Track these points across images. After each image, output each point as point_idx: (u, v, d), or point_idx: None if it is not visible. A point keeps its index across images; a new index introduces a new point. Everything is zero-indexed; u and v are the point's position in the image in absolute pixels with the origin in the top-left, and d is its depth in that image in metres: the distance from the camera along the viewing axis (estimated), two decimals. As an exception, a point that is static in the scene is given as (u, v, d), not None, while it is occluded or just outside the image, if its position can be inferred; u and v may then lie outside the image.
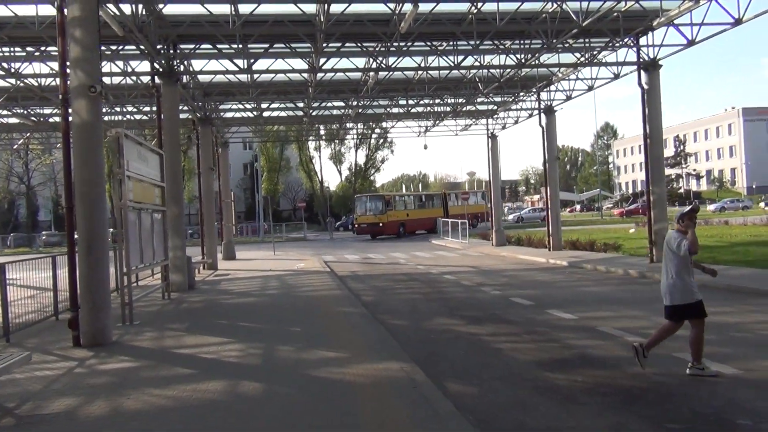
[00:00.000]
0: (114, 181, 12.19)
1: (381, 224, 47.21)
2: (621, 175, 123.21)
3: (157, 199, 15.19)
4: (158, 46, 17.20)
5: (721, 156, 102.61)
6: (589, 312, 11.91)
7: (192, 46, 19.23)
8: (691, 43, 17.94)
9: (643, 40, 19.58)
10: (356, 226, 49.96)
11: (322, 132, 51.97)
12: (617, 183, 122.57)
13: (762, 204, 70.59)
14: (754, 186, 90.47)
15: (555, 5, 16.47)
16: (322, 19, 15.19)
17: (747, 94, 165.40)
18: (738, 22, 16.13)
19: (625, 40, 19.49)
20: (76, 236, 10.31)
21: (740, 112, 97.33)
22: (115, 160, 11.85)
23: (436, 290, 16.32)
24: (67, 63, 10.33)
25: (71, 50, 10.29)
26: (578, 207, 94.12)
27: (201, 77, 23.22)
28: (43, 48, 18.53)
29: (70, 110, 10.39)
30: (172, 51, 18.27)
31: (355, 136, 72.18)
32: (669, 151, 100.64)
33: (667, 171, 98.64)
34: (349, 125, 38.08)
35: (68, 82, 10.35)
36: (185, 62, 20.09)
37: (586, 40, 20.14)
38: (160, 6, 15.73)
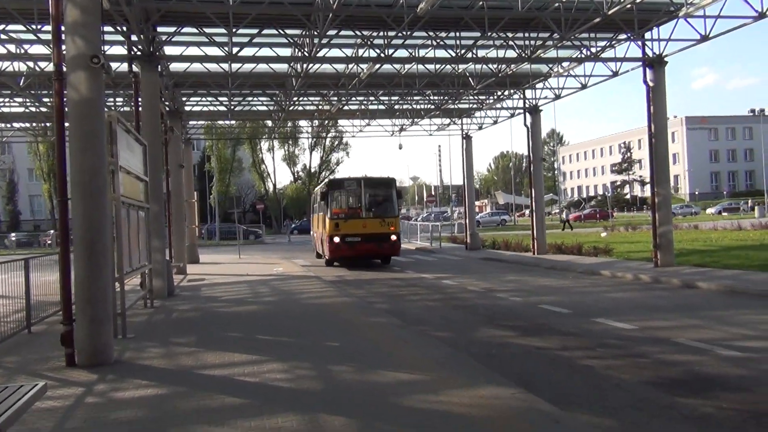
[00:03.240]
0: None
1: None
2: (566, 181, 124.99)
3: (141, 195, 13.50)
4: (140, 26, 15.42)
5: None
6: (643, 321, 10.88)
7: (173, 29, 17.43)
8: (704, 38, 17.25)
9: (647, 35, 18.88)
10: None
11: (307, 128, 48.48)
12: (562, 189, 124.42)
13: (710, 210, 72.31)
14: (696, 193, 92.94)
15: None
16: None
17: (688, 103, 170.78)
18: (762, 15, 15.50)
19: (631, 34, 18.72)
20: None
21: (683, 120, 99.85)
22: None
23: (449, 296, 15.11)
24: (62, 28, 8.66)
25: (68, 13, 8.59)
26: (527, 212, 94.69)
27: (173, 66, 21.39)
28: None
29: (66, 85, 8.68)
30: (152, 32, 16.46)
31: (310, 137, 70.34)
32: (616, 158, 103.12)
33: (614, 177, 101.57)
34: (327, 122, 36.41)
35: (63, 51, 8.66)
36: (161, 48, 18.28)
37: (592, 33, 19.26)
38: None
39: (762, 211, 56.63)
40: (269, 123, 48.27)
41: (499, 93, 28.09)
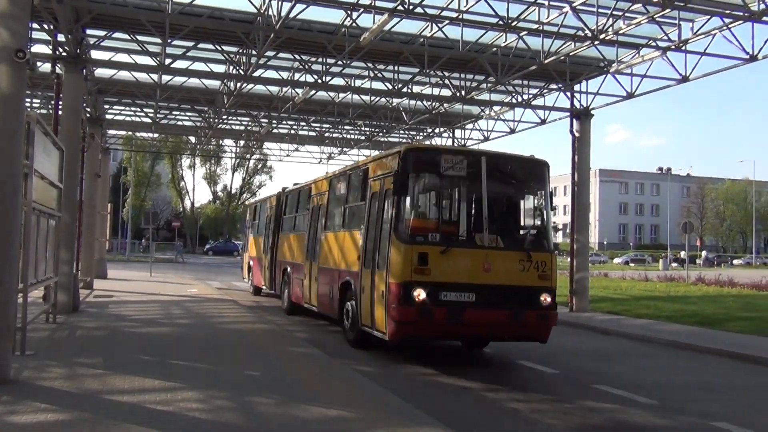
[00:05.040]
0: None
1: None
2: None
3: (53, 203, 12.67)
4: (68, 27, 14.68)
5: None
6: (564, 365, 10.98)
7: (104, 33, 16.71)
8: (630, 95, 18.05)
9: (576, 87, 19.58)
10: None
11: (232, 148, 47.13)
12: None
13: (617, 260, 75.56)
14: (605, 242, 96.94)
15: (514, 38, 15.83)
16: (274, 14, 13.45)
17: (601, 156, 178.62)
18: (684, 79, 16.34)
19: (562, 85, 19.37)
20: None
21: (596, 172, 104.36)
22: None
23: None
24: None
25: (-7, 1, 7.99)
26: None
27: (99, 71, 20.53)
28: None
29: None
30: (81, 34, 15.72)
31: (234, 157, 69.15)
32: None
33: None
34: (254, 144, 35.78)
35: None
36: (89, 51, 17.49)
37: (525, 81, 19.83)
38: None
39: (665, 264, 59.57)
40: (193, 139, 47.12)
41: (430, 130, 28.43)
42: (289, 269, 17.06)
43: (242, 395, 7.45)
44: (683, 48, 15.93)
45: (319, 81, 18.73)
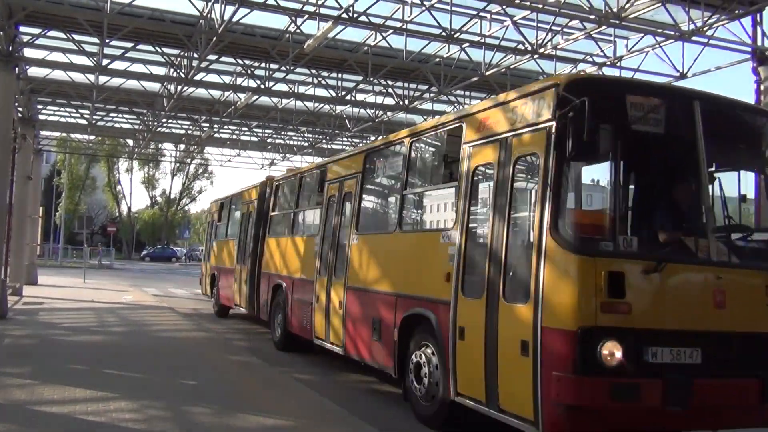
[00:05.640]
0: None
1: None
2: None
3: (-20, 206, 12.24)
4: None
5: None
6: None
7: (38, 31, 16.20)
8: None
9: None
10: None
11: (172, 152, 45.99)
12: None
13: None
14: None
15: (457, 50, 16.14)
16: (217, 17, 13.32)
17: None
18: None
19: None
20: None
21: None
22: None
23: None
24: None
25: None
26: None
27: (32, 71, 19.89)
28: None
29: None
30: (14, 31, 15.21)
31: (173, 162, 67.81)
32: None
33: None
34: (194, 148, 35.23)
35: None
36: (21, 49, 16.93)
37: (468, 92, 20.19)
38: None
39: None
40: (131, 142, 46.03)
41: (373, 138, 28.54)
42: (285, 286, 12.11)
43: (178, 405, 7.31)
44: (618, 64, 16.56)
45: (262, 86, 18.65)
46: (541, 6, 12.99)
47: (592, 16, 12.99)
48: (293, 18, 14.40)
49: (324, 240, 10.49)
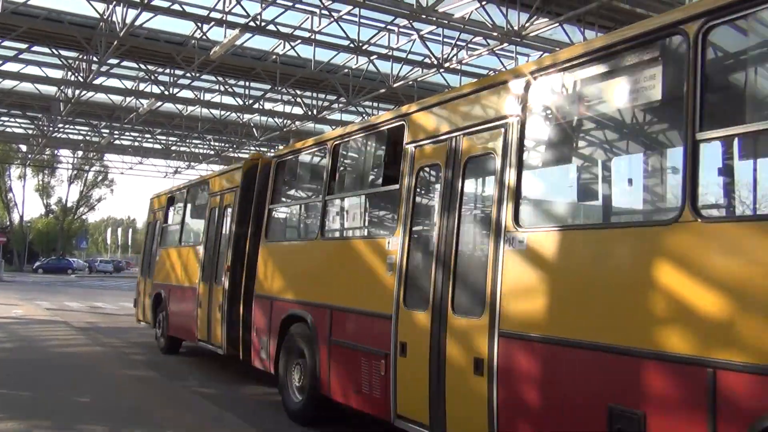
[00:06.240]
0: None
1: None
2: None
3: None
4: None
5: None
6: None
7: None
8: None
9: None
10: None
11: (69, 159, 43.64)
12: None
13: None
14: None
15: (365, 61, 16.32)
16: (119, 20, 12.89)
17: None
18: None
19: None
20: None
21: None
22: None
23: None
24: None
25: None
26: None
27: None
28: None
29: None
30: None
31: (70, 169, 64.77)
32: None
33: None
34: (93, 155, 33.76)
35: None
36: None
37: (376, 103, 20.40)
38: None
39: None
40: (24, 147, 43.61)
41: (281, 147, 28.36)
42: (311, 321, 7.32)
43: (71, 424, 6.96)
44: (519, 80, 17.20)
45: (166, 92, 18.17)
46: (446, 22, 13.35)
47: (495, 34, 13.47)
48: (199, 24, 14.13)
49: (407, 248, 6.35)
